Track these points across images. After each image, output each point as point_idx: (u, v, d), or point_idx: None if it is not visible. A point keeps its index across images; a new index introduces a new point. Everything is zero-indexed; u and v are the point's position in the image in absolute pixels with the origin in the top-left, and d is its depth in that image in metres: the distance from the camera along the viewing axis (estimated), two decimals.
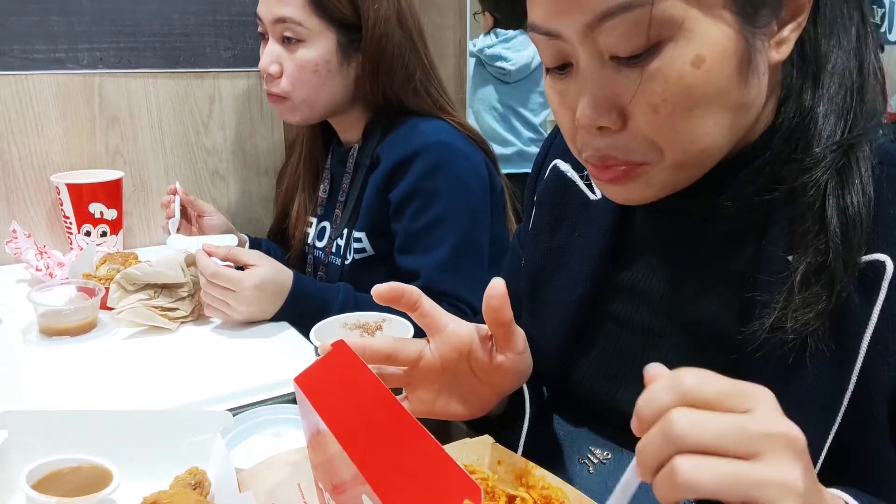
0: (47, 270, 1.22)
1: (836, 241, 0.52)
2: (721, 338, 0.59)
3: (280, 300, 1.09)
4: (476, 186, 1.22)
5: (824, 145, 0.55)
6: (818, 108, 0.56)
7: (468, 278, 1.19)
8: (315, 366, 0.55)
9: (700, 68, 0.51)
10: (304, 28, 1.15)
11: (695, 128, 0.53)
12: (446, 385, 0.66)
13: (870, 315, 0.51)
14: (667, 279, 0.65)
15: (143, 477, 0.65)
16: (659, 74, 0.51)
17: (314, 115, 1.25)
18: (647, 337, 0.66)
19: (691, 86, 0.51)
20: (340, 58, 1.18)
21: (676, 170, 0.56)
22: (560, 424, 0.70)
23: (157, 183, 1.48)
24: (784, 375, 0.54)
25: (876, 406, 0.51)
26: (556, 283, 0.72)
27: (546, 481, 0.58)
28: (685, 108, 0.52)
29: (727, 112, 0.54)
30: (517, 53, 2.78)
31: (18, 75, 1.30)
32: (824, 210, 0.53)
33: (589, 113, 0.55)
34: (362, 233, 1.25)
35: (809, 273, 0.53)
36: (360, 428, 0.47)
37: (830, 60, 0.56)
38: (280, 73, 1.19)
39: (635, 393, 0.66)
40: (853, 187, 0.53)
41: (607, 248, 0.69)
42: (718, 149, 0.56)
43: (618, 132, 0.55)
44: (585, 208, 0.71)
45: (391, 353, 0.63)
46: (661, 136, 0.54)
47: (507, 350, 0.63)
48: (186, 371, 0.96)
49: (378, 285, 0.62)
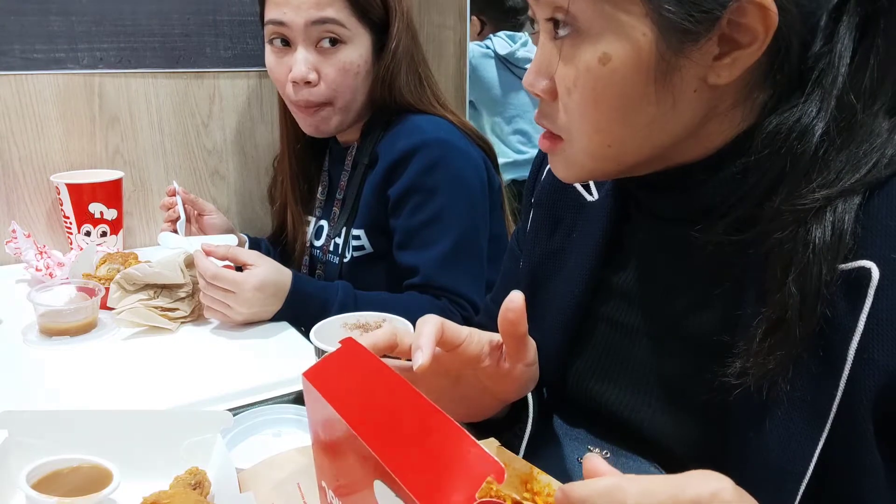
0: (47, 270, 1.22)
1: (793, 297, 0.51)
2: (710, 345, 0.58)
3: (280, 301, 1.09)
4: (475, 183, 1.22)
5: (817, 192, 0.51)
6: (813, 136, 0.52)
7: (467, 274, 1.19)
8: (323, 361, 0.54)
9: (605, 66, 0.53)
10: (346, 29, 1.14)
11: (599, 122, 0.56)
12: (448, 387, 0.66)
13: (856, 323, 0.50)
14: (659, 283, 0.65)
15: (143, 477, 0.65)
16: (573, 60, 0.54)
17: (348, 120, 1.24)
18: (640, 340, 0.65)
19: (597, 80, 0.54)
20: (374, 58, 1.19)
21: (588, 157, 0.59)
22: (559, 424, 0.70)
23: (157, 183, 1.48)
24: (772, 384, 0.53)
25: (863, 415, 0.50)
26: (554, 284, 0.72)
27: (552, 488, 0.58)
28: (591, 100, 0.55)
29: (634, 118, 0.55)
30: None
31: (18, 75, 1.30)
32: (787, 273, 0.51)
33: (528, 78, 0.59)
34: (361, 230, 1.25)
35: (769, 327, 0.52)
36: (373, 414, 0.46)
37: (836, 88, 0.52)
38: (318, 81, 1.17)
39: (629, 396, 0.66)
40: (824, 226, 0.51)
41: (603, 249, 0.68)
42: (627, 152, 0.58)
43: (549, 102, 0.59)
44: (583, 210, 0.71)
45: (393, 343, 0.61)
46: (572, 119, 0.57)
47: (517, 361, 0.62)
48: (186, 371, 0.96)
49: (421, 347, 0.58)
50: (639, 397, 0.64)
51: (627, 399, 0.65)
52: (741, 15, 0.50)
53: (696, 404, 0.60)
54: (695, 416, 0.60)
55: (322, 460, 0.57)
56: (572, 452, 0.67)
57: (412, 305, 1.13)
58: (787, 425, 0.53)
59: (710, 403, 0.58)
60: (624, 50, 0.52)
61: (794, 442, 0.52)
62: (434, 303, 1.15)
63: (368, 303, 1.13)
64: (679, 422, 0.61)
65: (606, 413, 0.67)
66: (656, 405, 0.63)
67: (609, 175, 0.63)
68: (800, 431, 0.52)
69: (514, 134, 2.69)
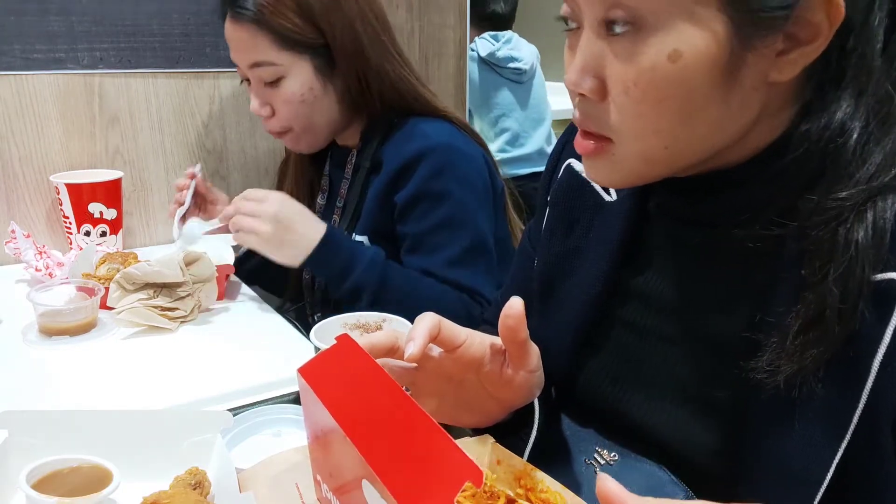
0: (47, 270, 1.22)
1: (833, 296, 0.50)
2: (730, 350, 0.58)
3: (308, 237, 1.11)
4: (480, 186, 1.22)
5: (856, 187, 0.51)
6: (852, 133, 0.52)
7: (481, 272, 1.19)
8: (319, 357, 0.55)
9: (675, 63, 0.50)
10: (278, 66, 1.16)
11: (659, 122, 0.53)
12: (451, 393, 0.65)
13: (882, 334, 0.50)
14: (679, 287, 0.64)
15: (143, 477, 0.65)
16: (635, 58, 0.51)
17: (319, 139, 1.27)
18: (656, 343, 0.65)
19: (663, 78, 0.51)
20: (322, 80, 1.19)
21: (640, 160, 0.56)
22: (567, 425, 0.70)
23: (157, 183, 1.48)
24: (793, 391, 0.52)
25: (883, 427, 0.50)
26: (569, 284, 0.71)
27: (545, 485, 0.58)
28: (653, 99, 0.52)
29: (697, 118, 0.53)
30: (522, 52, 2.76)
31: (18, 75, 1.30)
32: (828, 268, 0.51)
33: (572, 77, 0.55)
34: (364, 237, 1.25)
35: (806, 323, 0.51)
36: (363, 414, 0.47)
37: (873, 81, 0.52)
38: (273, 113, 1.21)
39: (642, 399, 0.66)
40: (866, 225, 0.50)
41: (621, 251, 0.67)
42: (682, 155, 0.56)
43: (596, 103, 0.55)
44: (600, 210, 0.70)
45: (394, 346, 0.61)
46: (626, 119, 0.54)
47: (520, 368, 0.62)
48: (186, 371, 0.95)
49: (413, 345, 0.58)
50: (653, 400, 0.64)
51: (640, 401, 0.65)
52: (808, 9, 0.49)
53: (714, 409, 0.60)
54: (711, 421, 0.60)
55: (317, 454, 0.58)
56: (580, 454, 0.66)
57: (437, 290, 1.14)
58: (807, 432, 0.52)
59: (729, 407, 0.58)
60: (697, 46, 0.50)
61: (813, 450, 0.52)
62: (457, 295, 1.15)
63: (396, 272, 1.15)
64: (694, 426, 0.61)
65: (617, 415, 0.66)
66: (670, 408, 0.62)
67: (655, 179, 0.59)
68: (819, 439, 0.51)
69: (501, 133, 2.70)
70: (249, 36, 1.15)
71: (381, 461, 0.43)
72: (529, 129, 2.80)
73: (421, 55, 1.72)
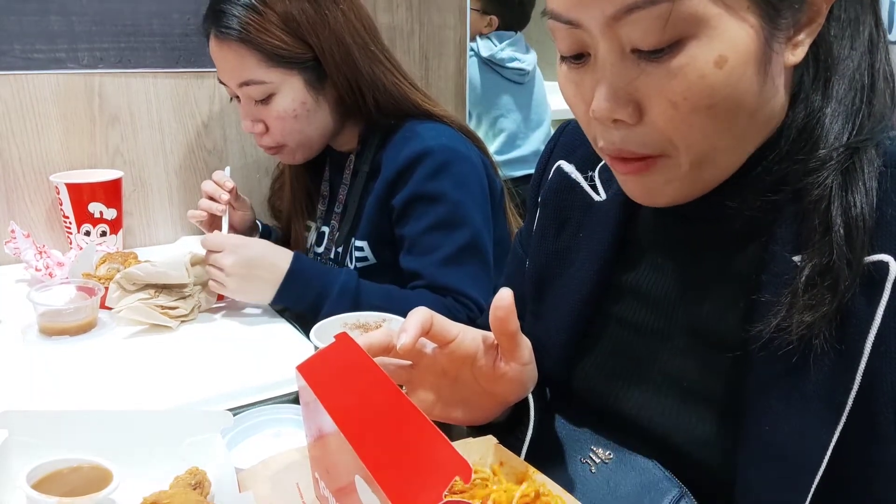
0: (47, 270, 1.22)
1: (839, 241, 0.52)
2: (725, 340, 0.59)
3: (273, 275, 1.10)
4: (478, 188, 1.21)
5: (830, 147, 0.55)
6: (826, 108, 0.55)
7: (471, 275, 1.18)
8: (317, 355, 0.55)
9: (722, 68, 0.51)
10: (268, 83, 1.15)
11: (711, 127, 0.53)
12: (446, 389, 0.66)
13: (873, 316, 0.51)
14: (671, 281, 0.65)
15: (143, 477, 0.65)
16: (680, 72, 0.51)
17: (313, 151, 1.27)
18: (651, 339, 0.65)
19: (712, 85, 0.51)
20: (313, 93, 1.18)
21: (694, 167, 0.56)
22: (562, 424, 0.70)
23: (157, 183, 1.48)
24: (788, 375, 0.53)
25: (880, 407, 0.51)
26: (561, 284, 0.72)
27: (546, 488, 0.58)
28: (704, 107, 0.52)
29: (743, 113, 0.54)
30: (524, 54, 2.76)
31: (18, 75, 1.30)
32: (829, 211, 0.53)
33: (605, 105, 0.54)
34: (364, 241, 1.25)
35: (814, 274, 0.52)
36: (358, 411, 0.48)
37: (842, 62, 0.56)
38: (265, 130, 1.21)
39: (638, 395, 0.66)
40: (857, 188, 0.53)
41: (612, 249, 0.68)
42: (734, 149, 0.56)
43: (633, 126, 0.55)
44: (590, 210, 0.71)
45: (391, 345, 0.62)
46: (677, 132, 0.54)
47: (511, 360, 0.62)
48: (186, 371, 0.96)
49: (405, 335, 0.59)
50: (648, 395, 0.64)
51: (636, 396, 0.65)
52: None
53: (708, 399, 0.60)
54: (706, 412, 0.60)
55: (315, 452, 0.58)
56: (575, 453, 0.67)
57: (414, 300, 1.13)
58: (803, 418, 0.53)
59: (723, 397, 0.59)
60: (737, 44, 0.51)
61: (810, 434, 0.52)
62: (439, 300, 1.15)
63: (371, 293, 1.14)
64: (689, 417, 0.61)
65: (612, 411, 0.67)
66: (666, 402, 0.63)
67: (708, 184, 0.59)
68: (815, 423, 0.52)
69: (499, 135, 2.70)
70: (236, 55, 1.14)
71: (373, 457, 0.44)
72: (527, 130, 2.80)
73: (421, 55, 1.72)
